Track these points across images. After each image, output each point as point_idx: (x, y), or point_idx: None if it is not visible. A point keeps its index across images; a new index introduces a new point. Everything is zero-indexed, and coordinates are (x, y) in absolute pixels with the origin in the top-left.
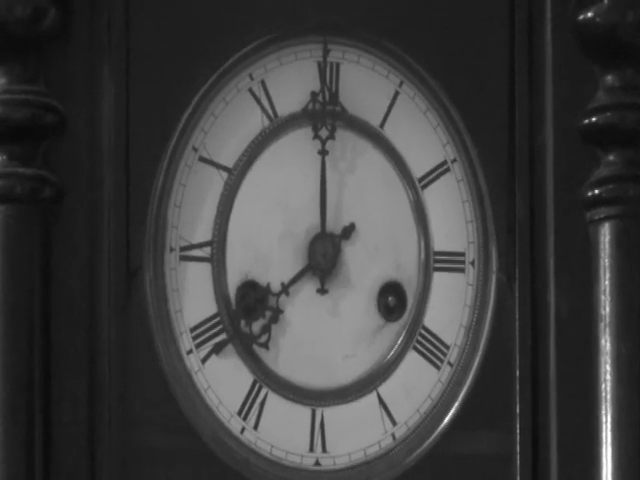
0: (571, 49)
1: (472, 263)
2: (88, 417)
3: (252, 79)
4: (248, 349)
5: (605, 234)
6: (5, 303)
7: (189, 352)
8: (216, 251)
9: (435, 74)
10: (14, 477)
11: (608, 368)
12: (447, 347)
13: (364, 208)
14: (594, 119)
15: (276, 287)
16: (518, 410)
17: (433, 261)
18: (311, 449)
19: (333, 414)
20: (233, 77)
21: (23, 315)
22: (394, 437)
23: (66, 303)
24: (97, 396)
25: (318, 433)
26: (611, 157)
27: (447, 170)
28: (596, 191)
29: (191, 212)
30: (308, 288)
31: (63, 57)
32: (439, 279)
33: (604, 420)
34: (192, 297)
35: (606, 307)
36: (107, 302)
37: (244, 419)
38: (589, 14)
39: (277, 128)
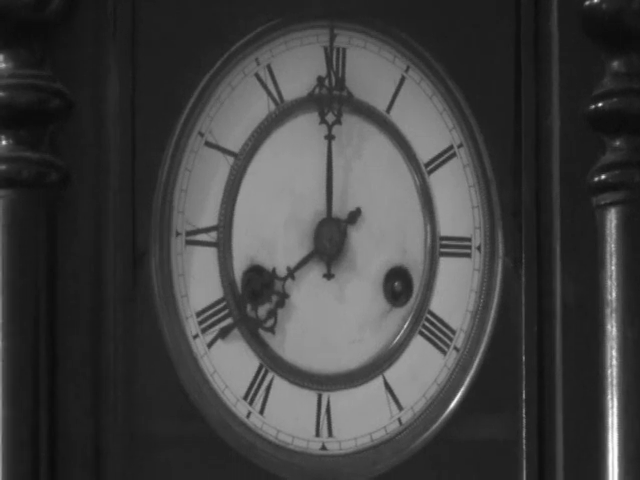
0: (577, 35)
1: (478, 248)
2: (94, 402)
3: (258, 64)
4: (254, 334)
5: (611, 219)
6: (10, 287)
7: (195, 337)
8: (222, 236)
9: (441, 59)
10: (20, 465)
11: (614, 353)
12: (453, 332)
13: (370, 193)
14: (600, 105)
15: (282, 272)
16: (524, 395)
17: (439, 246)
18: (317, 434)
19: (339, 399)
20: (239, 62)
21: (28, 300)
22: (400, 422)
23: (72, 288)
24: (103, 382)
25: (324, 418)
26: (617, 143)
27: (453, 155)
28: (602, 176)
29: (197, 197)
30: (314, 273)
31: (69, 42)
32: (445, 264)
33: (610, 405)
34: (198, 282)
35: (612, 292)
36: (113, 287)
37: (250, 404)
38: (595, 0)
39: (283, 113)
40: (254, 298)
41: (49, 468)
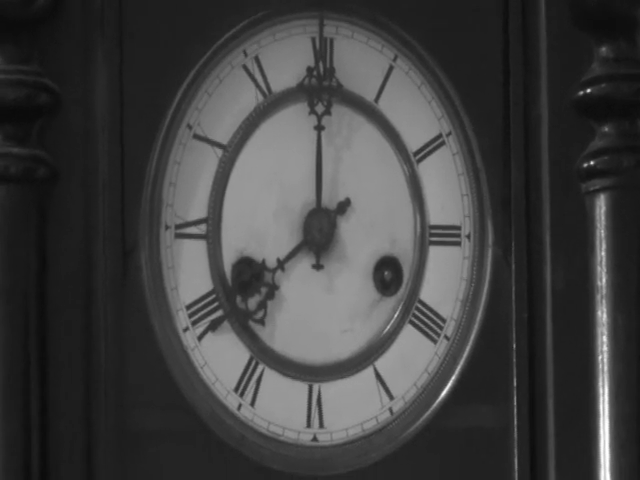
0: (565, 22)
1: (468, 236)
2: (84, 396)
3: (246, 55)
4: (244, 325)
5: (600, 205)
6: (0, 283)
7: (185, 329)
8: (211, 228)
9: (429, 48)
10: (11, 461)
11: (605, 340)
12: (444, 321)
13: (359, 183)
14: (589, 91)
15: (272, 263)
16: (515, 383)
17: (429, 235)
18: (308, 425)
19: (330, 389)
20: (227, 54)
21: (19, 295)
22: (391, 411)
23: (62, 283)
24: (94, 375)
25: (315, 409)
26: (606, 128)
27: (442, 144)
28: (591, 163)
29: (186, 190)
30: (304, 264)
31: (57, 37)
32: (435, 253)
33: (601, 392)
34: (188, 274)
35: (602, 278)
36: (103, 281)
37: (241, 396)
38: None
39: (271, 104)
40: (244, 290)
41: (41, 463)
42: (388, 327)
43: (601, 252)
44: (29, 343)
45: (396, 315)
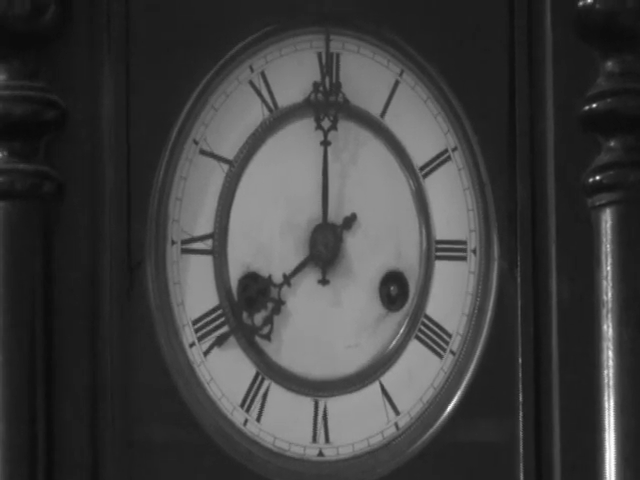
0: (571, 36)
1: (474, 251)
2: (90, 411)
3: (252, 71)
4: (250, 341)
5: (606, 220)
6: (7, 299)
7: (191, 345)
8: (217, 243)
9: (435, 63)
10: (17, 472)
11: (610, 354)
12: (449, 335)
13: (365, 198)
14: (594, 105)
15: (278, 278)
16: (521, 398)
17: (435, 250)
18: (314, 440)
19: (336, 404)
20: (233, 69)
21: (25, 311)
22: (397, 426)
23: (68, 298)
24: (99, 390)
25: (321, 424)
26: (612, 143)
27: (448, 159)
28: (597, 177)
29: (192, 205)
30: (310, 279)
31: (63, 52)
32: (441, 268)
33: (607, 406)
34: (194, 290)
35: (608, 293)
36: (109, 297)
37: (247, 411)
38: (589, 0)
39: (278, 119)
40: (250, 305)
41: (46, 476)
42: (394, 342)
43: (607, 266)
44: (35, 357)
45: (402, 330)
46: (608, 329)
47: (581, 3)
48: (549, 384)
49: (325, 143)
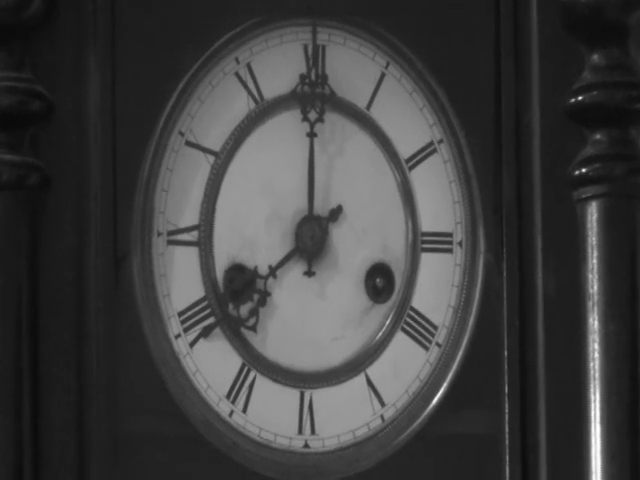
0: (557, 29)
1: (460, 243)
2: (76, 403)
3: (238, 62)
4: (236, 332)
5: (592, 213)
6: None
7: (177, 336)
8: (203, 235)
9: (421, 55)
10: (3, 467)
11: (596, 347)
12: (435, 328)
13: (351, 190)
14: (580, 98)
15: (264, 270)
16: (507, 390)
17: (420, 242)
18: (300, 431)
19: (322, 396)
20: (219, 61)
21: (10, 302)
22: (383, 418)
23: (54, 290)
24: (85, 382)
25: (307, 415)
26: (597, 136)
27: (434, 151)
28: (583, 170)
29: (178, 197)
30: (295, 271)
31: (49, 43)
32: (427, 260)
33: (593, 399)
34: (180, 281)
35: (594, 285)
36: (95, 288)
37: (233, 402)
38: None
39: (263, 111)
40: (236, 297)
41: (33, 469)
42: (380, 334)
43: (593, 259)
44: (21, 350)
45: (388, 322)
46: (594, 322)
47: None
48: (535, 376)
49: (311, 135)
